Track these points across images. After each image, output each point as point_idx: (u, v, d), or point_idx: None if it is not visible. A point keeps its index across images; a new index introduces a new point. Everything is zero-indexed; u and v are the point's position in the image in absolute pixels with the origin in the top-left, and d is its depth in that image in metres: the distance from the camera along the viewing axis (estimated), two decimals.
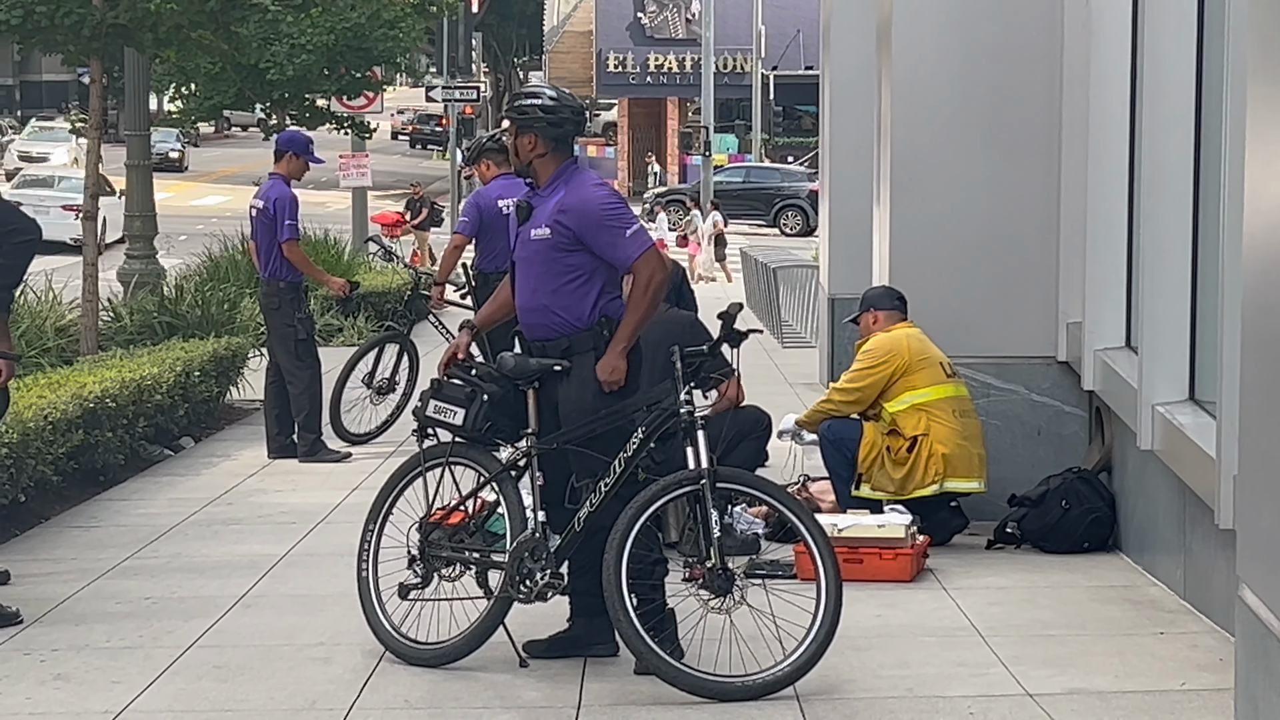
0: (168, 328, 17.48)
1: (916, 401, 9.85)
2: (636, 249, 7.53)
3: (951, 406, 9.89)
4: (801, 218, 53.83)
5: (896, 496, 9.78)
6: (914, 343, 10.00)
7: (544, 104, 7.69)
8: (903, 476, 9.78)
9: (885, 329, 10.10)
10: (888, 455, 9.83)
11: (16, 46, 19.35)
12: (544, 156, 7.70)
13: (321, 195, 47.02)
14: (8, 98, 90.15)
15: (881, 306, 10.21)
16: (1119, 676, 7.42)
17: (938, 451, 9.76)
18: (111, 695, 7.40)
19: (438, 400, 7.77)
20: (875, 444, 9.87)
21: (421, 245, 40.21)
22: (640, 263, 7.53)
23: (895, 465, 9.81)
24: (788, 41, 64.55)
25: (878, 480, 9.85)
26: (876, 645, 7.93)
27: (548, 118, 7.67)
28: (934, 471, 9.76)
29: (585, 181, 7.69)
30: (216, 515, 11.40)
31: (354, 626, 8.05)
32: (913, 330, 10.12)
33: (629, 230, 7.55)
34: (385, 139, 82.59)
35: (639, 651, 7.18)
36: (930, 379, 9.90)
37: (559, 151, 7.72)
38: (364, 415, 14.34)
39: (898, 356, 9.91)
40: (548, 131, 7.67)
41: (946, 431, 9.81)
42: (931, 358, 9.98)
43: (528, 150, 7.70)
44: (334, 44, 30.44)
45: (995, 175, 10.65)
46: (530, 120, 7.68)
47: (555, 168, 7.70)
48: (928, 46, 10.69)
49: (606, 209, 7.56)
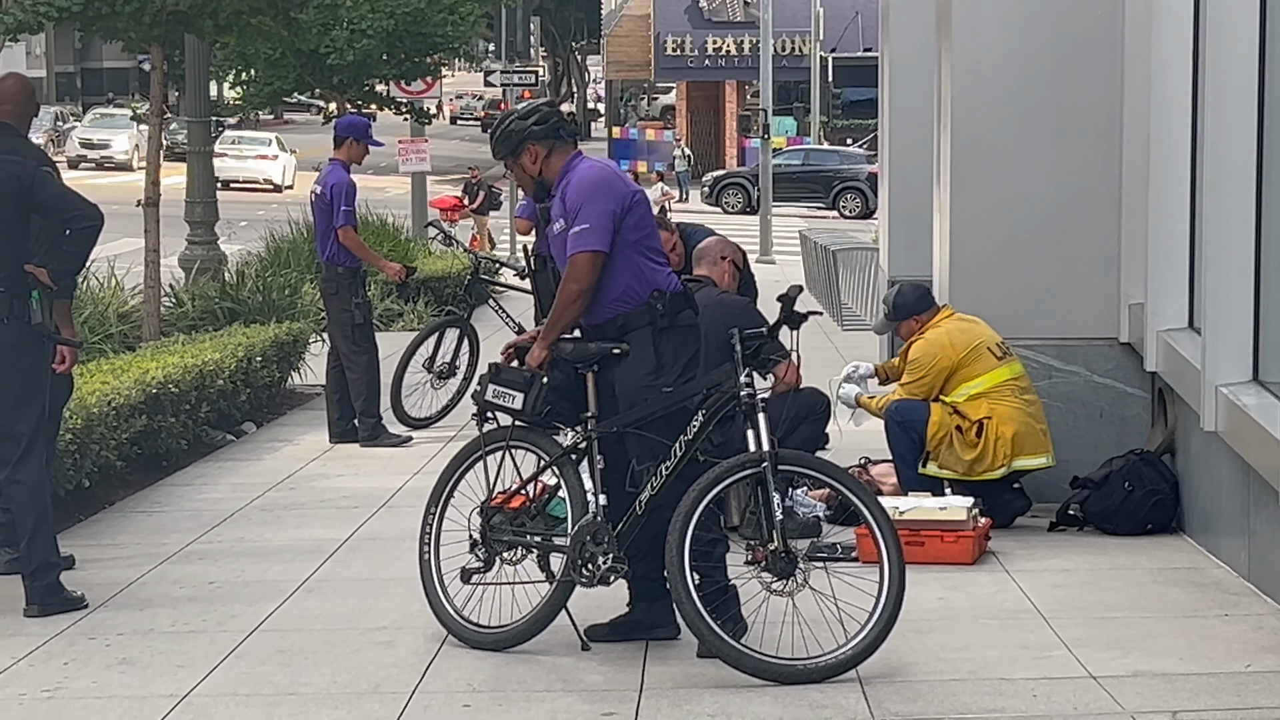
0: (229, 313, 17.55)
1: (974, 392, 9.82)
2: (572, 247, 7.51)
3: (1010, 387, 9.85)
4: (861, 200, 53.65)
5: (964, 478, 9.74)
6: (958, 337, 9.94)
7: (516, 118, 7.73)
8: (972, 459, 9.74)
9: (928, 327, 10.04)
10: (958, 435, 9.78)
11: (78, 34, 19.42)
12: (548, 159, 7.70)
13: (381, 180, 47.12)
14: (69, 85, 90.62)
15: (920, 310, 10.16)
16: (1183, 659, 7.39)
17: (1005, 434, 9.73)
18: (176, 679, 7.44)
19: (497, 385, 7.78)
20: (943, 424, 9.82)
21: (481, 230, 40.24)
22: (570, 262, 7.52)
23: (966, 447, 9.76)
24: (846, 23, 64.31)
25: (945, 459, 9.81)
26: (938, 628, 7.91)
27: (531, 126, 7.68)
28: (1003, 454, 9.73)
29: (580, 164, 7.67)
30: (279, 500, 11.45)
31: (417, 610, 8.07)
32: (954, 322, 10.04)
33: (577, 226, 7.50)
34: (444, 124, 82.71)
35: (702, 634, 7.18)
36: (983, 367, 9.85)
37: (558, 148, 7.71)
38: (425, 400, 14.38)
39: (944, 358, 9.87)
40: (538, 135, 7.68)
41: (1010, 411, 9.77)
42: (979, 345, 9.91)
43: (531, 165, 7.72)
44: (394, 29, 30.49)
45: (1056, 156, 10.59)
46: (519, 139, 7.69)
47: (561, 164, 7.70)
48: (988, 27, 10.63)
49: (579, 192, 7.54)
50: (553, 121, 7.71)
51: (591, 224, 7.49)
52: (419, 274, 20.39)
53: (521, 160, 7.73)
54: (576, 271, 7.48)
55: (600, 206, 7.51)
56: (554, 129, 7.71)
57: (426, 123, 33.14)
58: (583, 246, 7.47)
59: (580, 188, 7.56)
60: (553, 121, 7.71)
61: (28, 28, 16.70)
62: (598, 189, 7.56)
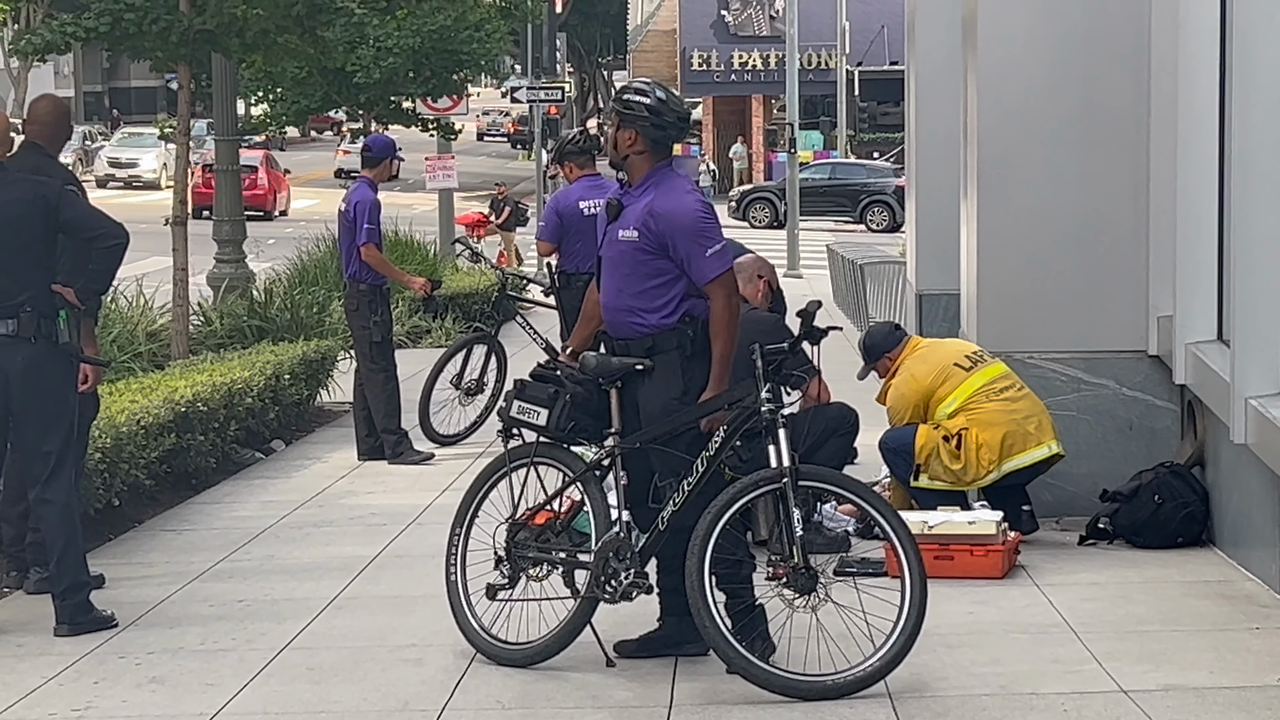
0: (257, 331, 17.59)
1: (950, 410, 9.79)
2: (714, 270, 7.49)
3: (984, 394, 9.79)
4: (888, 213, 53.58)
5: (954, 487, 9.72)
6: (918, 368, 9.93)
7: (650, 103, 7.65)
8: (959, 469, 9.71)
9: (897, 363, 10.05)
10: (944, 445, 9.75)
11: (106, 53, 19.54)
12: (641, 154, 7.67)
13: (408, 197, 47.18)
14: (97, 104, 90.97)
15: (889, 347, 10.17)
16: (1214, 672, 7.36)
17: (986, 439, 9.67)
18: (206, 697, 7.45)
19: (521, 401, 7.78)
20: (930, 438, 9.80)
21: (507, 246, 40.26)
22: (716, 285, 7.49)
23: (951, 457, 9.73)
24: (872, 37, 64.30)
25: (934, 470, 9.77)
26: (968, 642, 7.89)
27: (652, 118, 7.63)
28: (987, 460, 9.67)
29: (678, 187, 7.64)
30: (308, 518, 11.46)
31: (446, 627, 8.07)
32: (913, 358, 10.04)
33: (711, 249, 7.49)
34: (470, 140, 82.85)
35: (726, 656, 7.16)
36: (953, 385, 9.83)
37: (656, 152, 7.68)
38: (453, 416, 14.39)
39: (912, 394, 9.88)
40: (649, 131, 7.63)
41: (989, 416, 9.70)
42: (943, 366, 9.89)
43: (626, 145, 7.67)
44: (420, 46, 30.55)
45: (1084, 168, 10.56)
46: (634, 116, 7.64)
47: (649, 167, 7.66)
48: (1014, 39, 10.61)
49: (697, 221, 7.52)
50: (669, 130, 7.66)
51: (725, 243, 7.58)
52: (446, 290, 20.40)
53: (621, 133, 7.67)
54: (729, 286, 7.51)
55: (719, 229, 7.61)
56: (664, 137, 7.66)
57: (452, 139, 33.16)
58: (726, 263, 7.53)
59: (700, 212, 7.55)
60: (669, 130, 7.66)
61: (55, 48, 16.78)
62: (709, 213, 7.63)
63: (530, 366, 8.11)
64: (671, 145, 7.74)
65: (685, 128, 7.75)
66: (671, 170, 7.74)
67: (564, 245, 13.25)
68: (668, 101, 7.67)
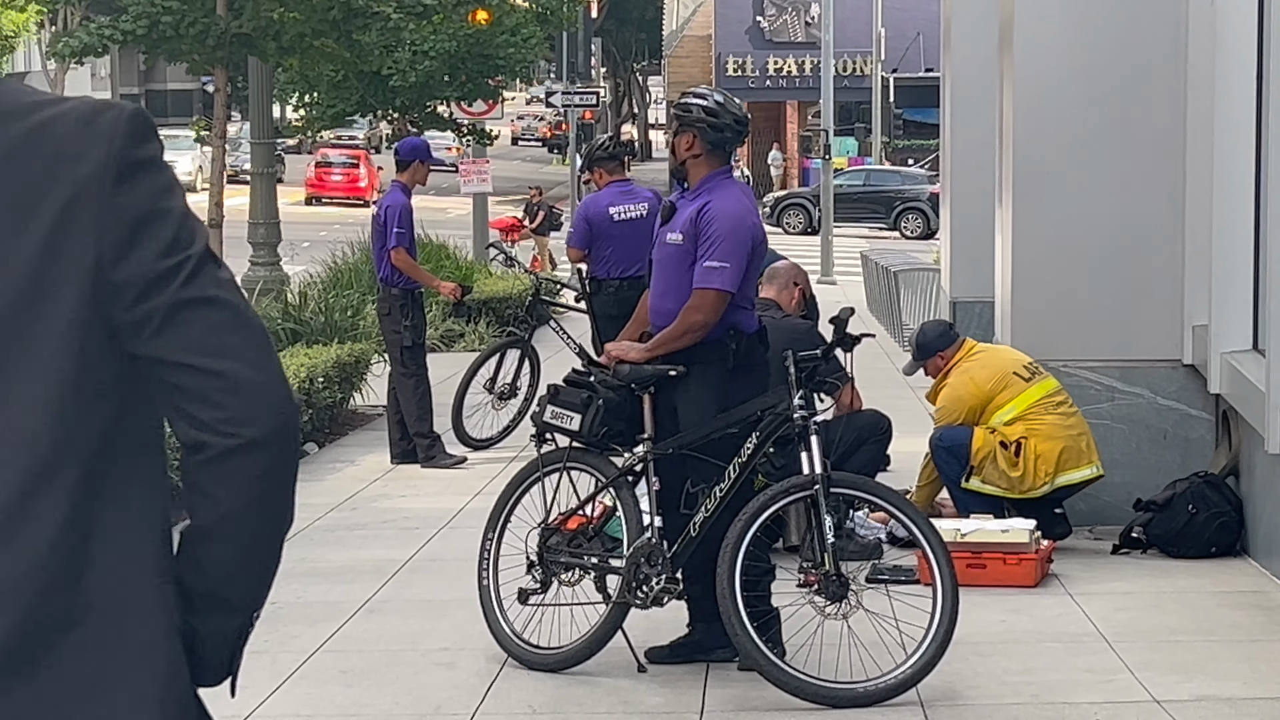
0: (292, 334, 17.61)
1: (1008, 417, 9.77)
2: (703, 280, 7.46)
3: (1043, 406, 9.78)
4: (922, 220, 53.50)
5: (1007, 494, 9.70)
6: (979, 373, 9.91)
7: (708, 106, 7.68)
8: (1017, 477, 9.70)
9: (952, 363, 10.02)
10: (1001, 451, 9.73)
11: (142, 56, 19.60)
12: (698, 158, 7.68)
13: (442, 201, 47.26)
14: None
15: (943, 346, 10.14)
16: (1247, 683, 7.33)
17: (1044, 451, 9.67)
18: (238, 700, 7.43)
19: (554, 406, 7.80)
20: (987, 441, 9.78)
21: (541, 250, 40.26)
22: (699, 294, 7.48)
23: (1010, 464, 9.71)
24: (908, 44, 64.22)
25: (989, 474, 9.75)
26: (1001, 651, 7.87)
27: (709, 120, 7.64)
28: (1044, 472, 9.67)
29: (729, 195, 7.63)
30: (341, 520, 11.48)
31: (478, 631, 8.07)
32: (974, 359, 10.02)
33: (712, 261, 7.46)
34: (506, 144, 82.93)
35: (757, 664, 7.15)
36: (1013, 393, 9.81)
37: (713, 157, 7.68)
38: (486, 420, 14.40)
39: (970, 397, 9.86)
40: (706, 134, 7.64)
41: (1048, 429, 9.71)
42: (1003, 373, 9.87)
43: (684, 149, 7.69)
44: (456, 50, 30.61)
45: (1119, 177, 10.54)
46: (692, 120, 7.65)
47: (706, 172, 7.67)
48: (1050, 47, 10.60)
49: (721, 226, 7.50)
50: (726, 134, 7.67)
51: (731, 264, 7.48)
52: (479, 295, 20.41)
53: (679, 137, 7.69)
54: (705, 305, 7.46)
55: (741, 249, 7.52)
56: (721, 141, 7.67)
57: (488, 144, 33.21)
58: (718, 284, 7.45)
59: (726, 220, 7.51)
60: (726, 134, 7.67)
61: (92, 51, 16.87)
62: (742, 229, 7.55)
63: (564, 371, 8.14)
64: (729, 150, 7.75)
65: (743, 131, 7.76)
66: (730, 178, 7.73)
67: (593, 251, 13.24)
68: (725, 105, 7.70)
